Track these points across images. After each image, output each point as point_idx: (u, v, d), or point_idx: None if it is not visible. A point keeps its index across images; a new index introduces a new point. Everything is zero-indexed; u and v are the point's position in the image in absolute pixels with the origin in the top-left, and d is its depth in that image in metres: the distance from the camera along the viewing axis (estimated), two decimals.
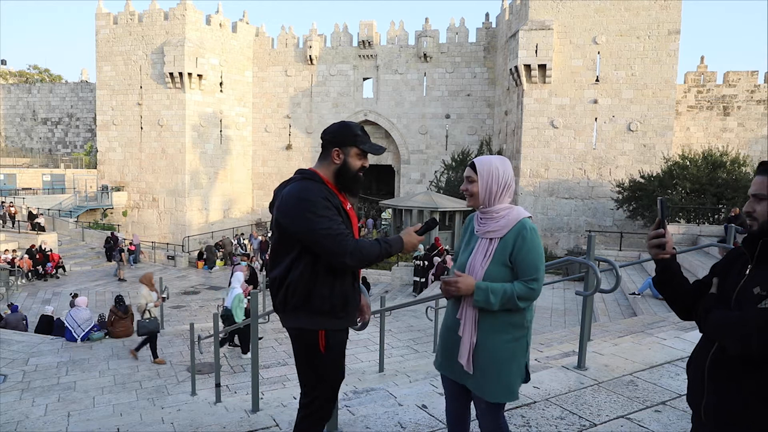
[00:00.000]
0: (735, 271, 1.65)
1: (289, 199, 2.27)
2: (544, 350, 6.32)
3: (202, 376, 7.65)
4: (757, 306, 1.48)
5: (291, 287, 2.29)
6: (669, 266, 1.77)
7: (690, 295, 1.75)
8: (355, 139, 2.35)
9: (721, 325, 1.56)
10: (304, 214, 2.19)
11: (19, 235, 22.24)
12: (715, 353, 1.61)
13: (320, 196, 2.23)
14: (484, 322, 2.22)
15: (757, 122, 25.10)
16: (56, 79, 48.51)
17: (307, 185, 2.28)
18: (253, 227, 31.29)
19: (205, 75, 29.06)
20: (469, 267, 2.27)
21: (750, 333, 1.45)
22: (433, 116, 30.58)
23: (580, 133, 23.69)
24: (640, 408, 3.31)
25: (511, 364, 2.22)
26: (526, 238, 2.17)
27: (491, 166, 2.28)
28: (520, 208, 2.29)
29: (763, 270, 1.55)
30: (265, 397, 5.51)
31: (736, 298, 1.57)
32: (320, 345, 2.31)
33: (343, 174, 2.36)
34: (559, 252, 22.46)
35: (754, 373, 1.50)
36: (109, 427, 5.27)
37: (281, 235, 2.33)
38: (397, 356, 8.59)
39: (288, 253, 2.30)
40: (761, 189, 1.59)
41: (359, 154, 2.37)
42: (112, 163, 31.02)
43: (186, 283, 21.08)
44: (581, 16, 23.07)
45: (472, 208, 2.38)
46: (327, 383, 2.41)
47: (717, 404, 1.59)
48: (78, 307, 10.30)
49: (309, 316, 2.30)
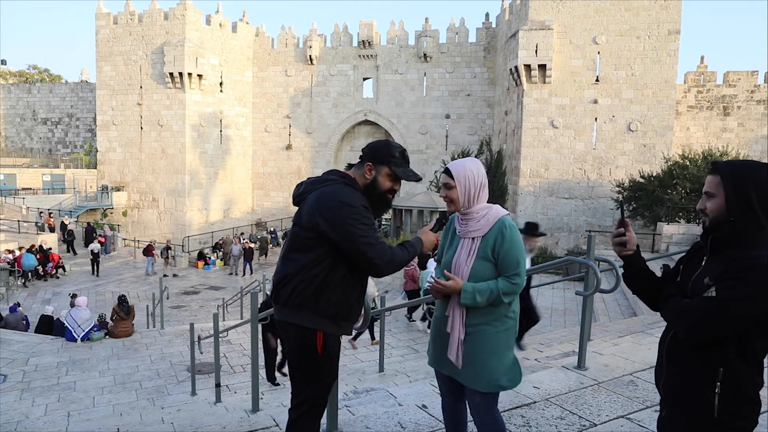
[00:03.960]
0: (694, 263, 1.79)
1: (329, 200, 2.23)
2: (544, 350, 6.33)
3: (202, 376, 7.65)
4: (703, 295, 1.63)
5: (302, 284, 2.27)
6: (633, 262, 1.89)
7: (656, 287, 1.87)
8: (390, 160, 2.35)
9: (674, 311, 1.72)
10: (346, 220, 2.18)
11: (19, 235, 22.23)
12: (672, 337, 1.77)
13: (362, 204, 2.24)
14: (471, 316, 2.31)
15: (757, 122, 25.10)
16: (56, 79, 48.50)
17: (349, 191, 2.27)
18: (253, 227, 31.28)
19: (205, 75, 29.06)
20: (455, 266, 2.36)
21: (695, 319, 1.62)
22: (433, 116, 30.57)
23: (580, 133, 23.69)
24: (640, 408, 3.31)
25: (500, 355, 2.30)
26: (506, 236, 2.28)
27: (466, 170, 2.36)
28: (498, 207, 2.38)
29: (714, 262, 1.69)
30: (265, 397, 5.51)
31: (691, 288, 1.72)
32: (317, 346, 2.32)
33: (370, 191, 2.36)
34: (559, 252, 22.45)
35: (699, 356, 1.66)
36: (109, 427, 5.26)
37: (309, 232, 2.27)
38: (397, 356, 8.60)
39: (308, 251, 2.27)
40: (711, 187, 1.71)
41: (390, 175, 2.37)
42: (112, 163, 31.01)
43: (186, 283, 21.08)
44: (581, 16, 23.07)
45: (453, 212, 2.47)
46: (322, 384, 2.42)
47: (672, 383, 1.76)
48: (78, 307, 10.30)
49: (312, 316, 2.29)
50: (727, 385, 1.62)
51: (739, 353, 1.61)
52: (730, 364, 1.61)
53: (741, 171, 1.65)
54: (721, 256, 1.67)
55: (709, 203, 1.71)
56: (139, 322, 12.37)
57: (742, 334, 1.60)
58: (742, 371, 1.62)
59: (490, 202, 2.43)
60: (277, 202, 32.57)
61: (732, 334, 1.59)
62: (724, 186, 1.65)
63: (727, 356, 1.62)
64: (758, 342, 1.61)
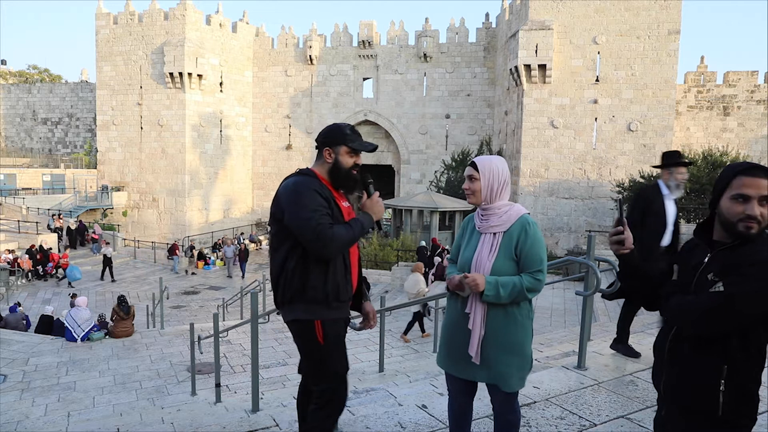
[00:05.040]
0: (695, 259, 1.76)
1: (282, 191, 2.39)
2: (544, 350, 6.33)
3: (202, 376, 7.64)
4: (709, 290, 1.61)
5: (287, 279, 2.37)
6: (630, 260, 1.88)
7: (653, 286, 1.86)
8: (344, 138, 2.46)
9: (678, 308, 1.69)
10: (291, 202, 2.31)
11: (19, 235, 22.23)
12: (674, 335, 1.75)
13: (310, 188, 2.34)
14: (493, 314, 2.32)
15: (757, 122, 25.10)
16: (56, 79, 48.50)
17: (299, 179, 2.41)
18: (252, 227, 31.30)
19: (205, 75, 29.06)
20: (476, 261, 2.36)
21: (701, 314, 1.60)
22: (433, 116, 30.57)
23: (580, 133, 23.69)
24: (640, 408, 3.31)
25: (522, 353, 2.35)
26: (529, 232, 2.31)
27: (492, 164, 2.42)
28: (519, 205, 2.42)
29: (718, 258, 1.67)
30: (265, 397, 5.51)
31: (696, 284, 1.69)
32: (318, 336, 2.37)
33: (336, 172, 2.47)
34: (559, 252, 22.46)
35: (702, 354, 1.65)
36: (109, 427, 5.26)
37: (276, 227, 2.42)
38: (397, 356, 8.59)
39: (283, 245, 2.39)
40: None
41: (350, 152, 2.47)
42: (112, 163, 31.01)
43: (186, 283, 21.08)
44: (581, 16, 23.07)
45: (474, 205, 2.48)
46: (333, 374, 2.46)
47: (673, 382, 1.74)
48: (78, 307, 10.29)
49: (304, 306, 2.37)
50: (732, 383, 1.61)
51: (742, 350, 1.60)
52: (733, 361, 1.60)
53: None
54: (730, 252, 1.64)
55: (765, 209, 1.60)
56: (139, 322, 12.37)
57: (747, 330, 1.58)
58: (745, 368, 1.61)
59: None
60: None
61: (738, 329, 1.58)
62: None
63: (731, 353, 1.60)
64: (765, 335, 1.60)
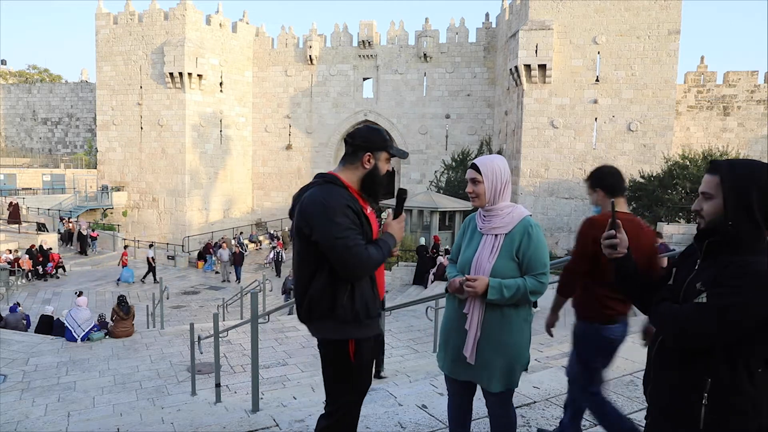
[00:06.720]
0: (687, 266, 1.70)
1: (309, 204, 2.21)
2: (544, 350, 6.33)
3: (202, 376, 7.64)
4: (694, 301, 1.55)
5: (315, 298, 2.24)
6: (624, 264, 1.83)
7: (648, 290, 1.80)
8: (385, 144, 2.35)
9: (663, 316, 1.63)
10: (322, 219, 2.15)
11: (19, 235, 22.22)
12: (660, 344, 1.70)
13: (341, 202, 2.18)
14: (491, 316, 2.31)
15: (757, 122, 25.09)
16: (56, 79, 48.48)
17: (329, 189, 2.23)
18: (252, 227, 31.29)
19: (205, 75, 29.05)
20: (476, 262, 2.34)
21: (682, 325, 1.54)
22: (433, 116, 30.57)
23: (580, 133, 23.69)
24: (640, 408, 3.31)
25: (514, 355, 2.34)
26: (532, 235, 2.29)
27: (494, 165, 2.38)
28: (521, 207, 2.40)
29: (708, 267, 1.60)
30: (265, 397, 5.51)
31: (684, 292, 1.63)
32: (350, 354, 2.29)
33: (373, 178, 2.34)
34: (559, 252, 22.44)
35: (687, 365, 1.59)
36: (109, 427, 5.26)
37: (303, 242, 2.26)
38: (397, 356, 8.58)
39: (310, 262, 2.25)
40: (709, 188, 1.61)
41: (388, 158, 2.37)
42: (112, 163, 31.01)
43: (186, 283, 21.08)
44: (581, 16, 23.06)
45: (477, 207, 2.45)
46: (356, 390, 2.39)
47: (658, 392, 1.70)
48: (78, 307, 10.29)
49: (336, 326, 2.26)
50: (715, 397, 1.54)
51: (728, 363, 1.53)
52: (718, 374, 1.53)
53: (742, 172, 1.55)
54: (715, 261, 1.58)
55: (705, 205, 1.61)
56: (139, 322, 12.37)
57: (732, 343, 1.51)
58: (731, 382, 1.53)
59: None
60: (277, 202, 32.56)
61: (721, 343, 1.52)
62: (723, 187, 1.56)
63: (715, 366, 1.54)
64: (758, 349, 1.52)
